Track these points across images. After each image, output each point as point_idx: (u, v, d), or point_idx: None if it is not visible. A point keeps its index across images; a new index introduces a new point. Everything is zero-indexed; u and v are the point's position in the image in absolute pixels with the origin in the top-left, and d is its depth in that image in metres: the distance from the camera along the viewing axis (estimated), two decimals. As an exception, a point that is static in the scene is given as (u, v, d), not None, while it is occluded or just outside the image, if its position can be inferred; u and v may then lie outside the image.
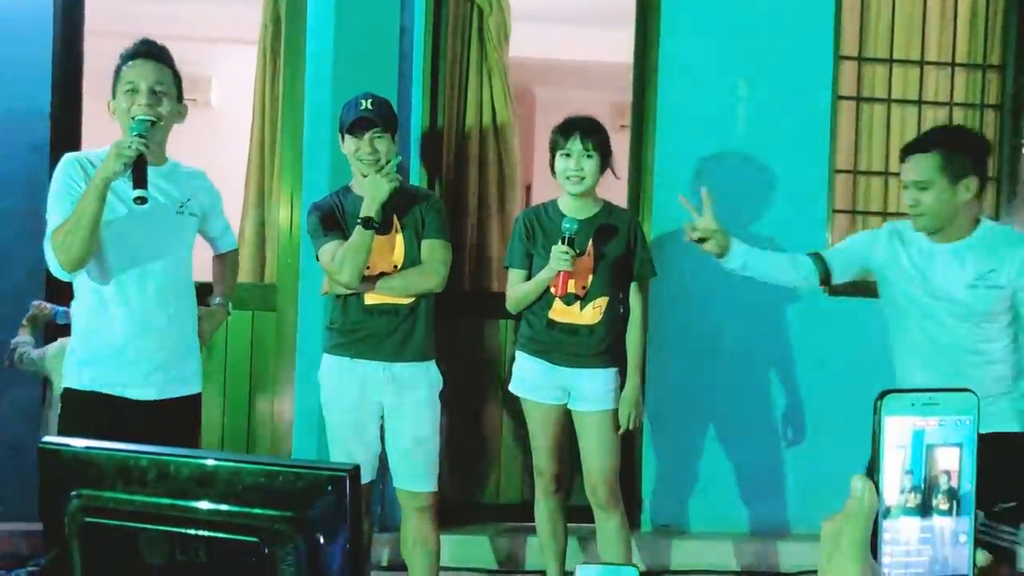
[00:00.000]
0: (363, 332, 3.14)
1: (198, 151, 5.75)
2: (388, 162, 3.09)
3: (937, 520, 0.82)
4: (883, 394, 0.81)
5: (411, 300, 3.15)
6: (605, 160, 3.33)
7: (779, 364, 4.24)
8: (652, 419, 4.12)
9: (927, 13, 4.40)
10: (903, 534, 0.82)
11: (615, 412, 3.30)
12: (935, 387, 0.83)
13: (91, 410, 2.73)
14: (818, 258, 3.08)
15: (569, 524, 3.49)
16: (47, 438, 0.83)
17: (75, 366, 2.78)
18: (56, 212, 2.69)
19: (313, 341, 3.88)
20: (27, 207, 3.81)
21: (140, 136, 2.61)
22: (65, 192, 2.69)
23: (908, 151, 2.91)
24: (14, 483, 3.49)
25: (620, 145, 3.67)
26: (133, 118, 2.68)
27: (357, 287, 3.09)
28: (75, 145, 3.87)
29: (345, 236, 3.08)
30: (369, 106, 3.13)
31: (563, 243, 3.15)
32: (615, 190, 3.77)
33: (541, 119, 6.36)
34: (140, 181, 2.60)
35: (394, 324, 3.14)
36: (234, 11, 5.21)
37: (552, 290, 3.22)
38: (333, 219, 3.15)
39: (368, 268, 3.08)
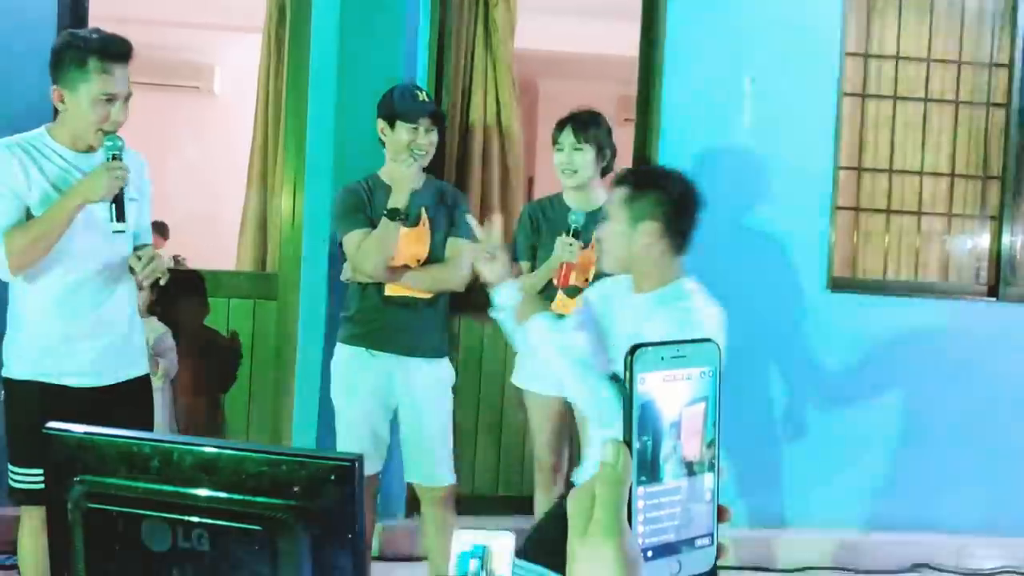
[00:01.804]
0: (380, 323, 3.11)
1: (201, 139, 5.71)
2: (427, 155, 3.09)
3: (686, 480, 0.79)
4: (634, 348, 0.76)
5: (430, 295, 3.13)
6: (602, 153, 3.33)
7: (779, 359, 4.23)
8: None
9: (934, 10, 4.39)
10: (656, 499, 0.77)
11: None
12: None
13: (33, 400, 2.67)
14: None
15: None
16: (51, 424, 0.83)
17: (13, 355, 2.72)
18: None
19: (314, 330, 3.88)
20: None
21: (118, 159, 2.61)
22: (7, 190, 2.61)
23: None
24: None
25: (625, 139, 3.67)
26: (107, 135, 2.64)
27: (380, 277, 3.07)
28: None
29: (372, 224, 3.06)
30: (426, 98, 3.13)
31: (568, 235, 3.15)
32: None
33: (544, 112, 6.36)
34: (120, 213, 2.62)
35: (411, 318, 3.12)
36: (239, -1, 5.20)
37: (555, 282, 3.23)
38: (361, 206, 3.12)
39: (392, 259, 3.07)
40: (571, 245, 3.14)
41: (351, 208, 3.12)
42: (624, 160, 3.80)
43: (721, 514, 0.82)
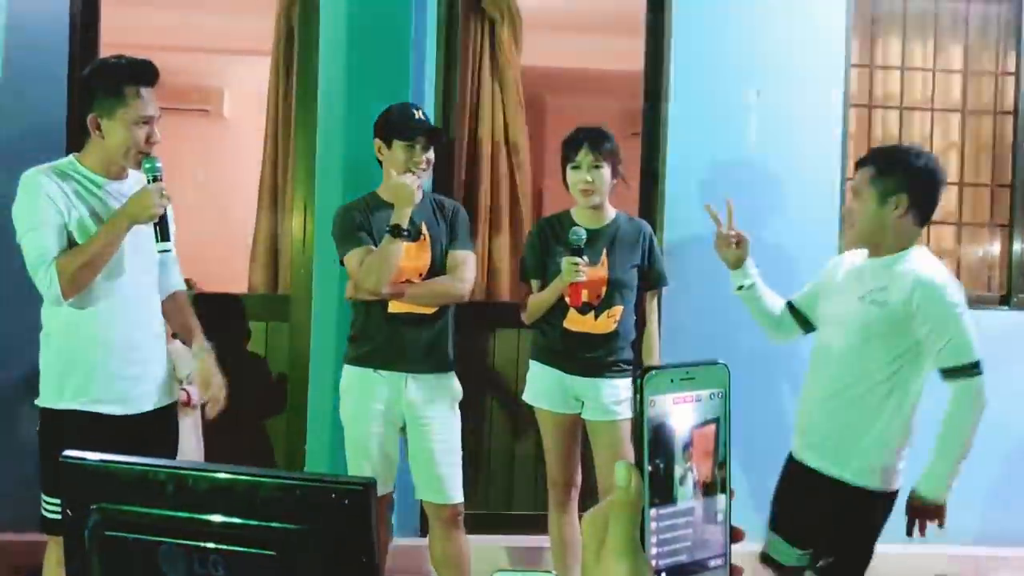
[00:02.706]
0: (386, 341, 3.11)
1: (210, 162, 5.72)
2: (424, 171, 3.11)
3: (698, 501, 0.79)
4: (645, 372, 0.76)
5: (435, 309, 3.13)
6: (615, 169, 3.33)
7: (791, 371, 4.21)
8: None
9: (939, 20, 4.39)
10: (669, 520, 0.77)
11: (629, 422, 3.30)
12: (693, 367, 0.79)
13: (72, 430, 2.63)
14: (792, 309, 3.10)
15: (583, 534, 3.47)
16: (68, 452, 0.83)
17: (51, 385, 2.69)
18: (45, 238, 2.59)
19: (327, 352, 3.89)
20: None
21: (159, 179, 2.65)
22: (51, 217, 2.61)
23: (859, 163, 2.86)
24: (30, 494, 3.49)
25: (631, 153, 3.67)
26: (146, 156, 2.67)
27: (383, 294, 3.08)
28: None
29: (373, 242, 3.08)
30: (422, 116, 3.15)
31: (572, 254, 3.16)
32: (627, 199, 3.77)
33: (552, 127, 6.37)
34: (165, 233, 2.67)
35: (418, 334, 3.12)
36: (247, 23, 5.24)
37: (567, 301, 3.22)
38: (360, 225, 3.13)
39: (395, 275, 3.07)
40: (575, 264, 3.14)
41: (351, 227, 3.12)
42: (631, 175, 3.80)
43: (736, 536, 0.82)
